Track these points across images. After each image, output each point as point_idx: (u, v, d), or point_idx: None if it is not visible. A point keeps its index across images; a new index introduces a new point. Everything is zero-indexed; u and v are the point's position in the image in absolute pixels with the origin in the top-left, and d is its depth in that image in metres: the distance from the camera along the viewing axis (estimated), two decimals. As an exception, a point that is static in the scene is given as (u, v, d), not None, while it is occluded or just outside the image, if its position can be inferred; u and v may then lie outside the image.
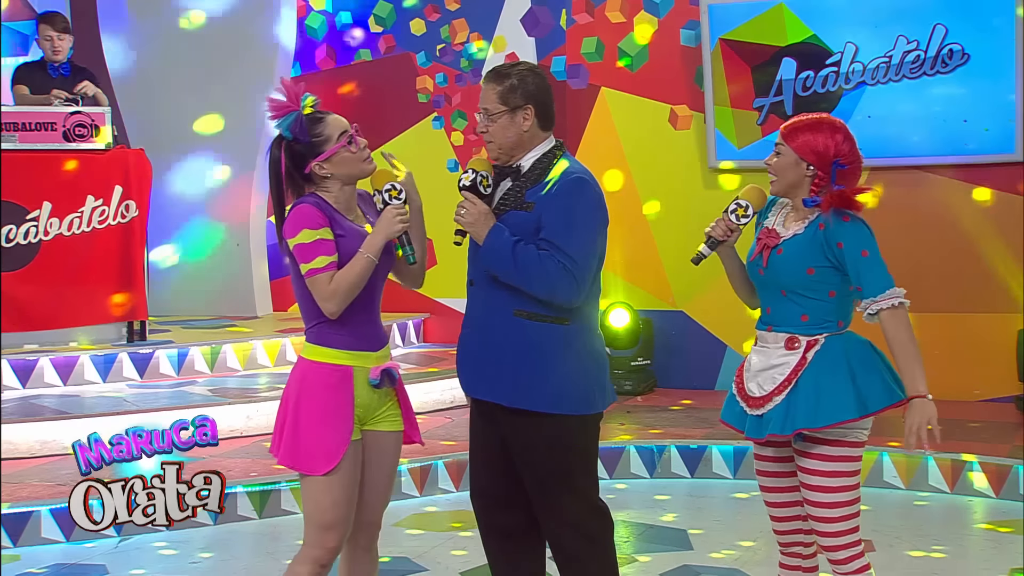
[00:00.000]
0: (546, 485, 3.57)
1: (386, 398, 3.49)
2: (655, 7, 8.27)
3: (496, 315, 3.54)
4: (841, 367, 3.38)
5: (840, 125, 3.45)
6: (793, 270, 3.40)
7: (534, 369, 3.50)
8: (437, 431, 6.71)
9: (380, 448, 3.50)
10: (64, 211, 7.16)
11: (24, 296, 7.07)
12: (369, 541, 3.56)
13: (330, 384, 3.39)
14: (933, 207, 7.68)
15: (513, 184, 3.56)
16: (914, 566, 5.00)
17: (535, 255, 3.44)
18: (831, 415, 3.34)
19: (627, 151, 8.26)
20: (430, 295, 8.79)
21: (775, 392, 3.40)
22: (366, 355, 3.43)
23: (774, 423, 3.40)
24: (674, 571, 4.90)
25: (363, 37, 9.15)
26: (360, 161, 3.43)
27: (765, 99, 7.82)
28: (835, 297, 3.44)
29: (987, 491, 5.97)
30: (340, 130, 3.41)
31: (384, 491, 3.56)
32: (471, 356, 3.64)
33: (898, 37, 7.54)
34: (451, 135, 8.89)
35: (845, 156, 3.40)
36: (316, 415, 3.38)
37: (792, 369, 3.39)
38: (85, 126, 7.19)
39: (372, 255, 3.35)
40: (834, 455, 3.39)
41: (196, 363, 7.40)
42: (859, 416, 3.36)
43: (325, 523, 3.39)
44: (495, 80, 3.57)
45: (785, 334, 3.42)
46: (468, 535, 5.33)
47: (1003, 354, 7.34)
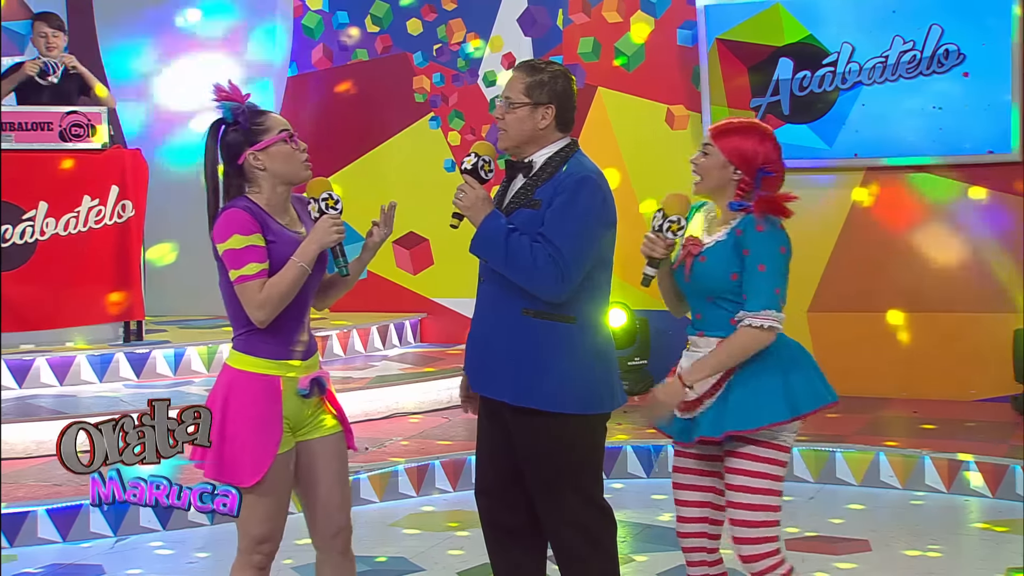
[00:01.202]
0: (548, 483, 3.57)
1: (315, 407, 3.42)
2: (652, 7, 8.28)
3: (503, 313, 3.54)
4: (772, 369, 3.37)
5: (770, 133, 3.44)
6: (717, 276, 3.40)
7: (538, 367, 3.50)
8: (434, 431, 6.71)
9: (320, 455, 3.41)
10: (60, 211, 7.16)
11: (20, 296, 7.05)
12: (344, 546, 3.47)
13: (257, 394, 3.31)
14: (929, 206, 7.69)
15: (525, 181, 3.56)
16: (910, 566, 5.00)
17: (526, 245, 3.44)
18: (762, 417, 3.34)
19: (624, 151, 8.26)
20: (427, 295, 8.79)
21: (707, 395, 3.40)
22: (294, 364, 3.36)
23: (704, 426, 3.39)
24: (671, 571, 4.90)
25: (359, 37, 9.15)
26: (297, 161, 3.36)
27: (762, 99, 7.83)
28: None
29: (983, 491, 5.98)
30: (281, 126, 3.36)
31: (338, 495, 3.45)
32: (478, 353, 3.64)
33: (894, 37, 7.55)
34: (448, 135, 8.89)
35: (771, 164, 3.41)
36: (242, 426, 3.29)
37: (724, 372, 3.39)
38: (81, 126, 7.19)
39: (305, 264, 3.27)
40: (762, 456, 3.39)
41: (193, 363, 7.39)
42: (790, 418, 3.37)
43: (257, 536, 3.35)
44: (527, 72, 3.58)
45: (716, 338, 3.41)
46: (465, 535, 5.33)
47: (1000, 354, 7.34)
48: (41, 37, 7.54)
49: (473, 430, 3.82)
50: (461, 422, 6.79)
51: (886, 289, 7.74)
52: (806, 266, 7.88)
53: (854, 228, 7.82)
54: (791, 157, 7.68)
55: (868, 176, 7.81)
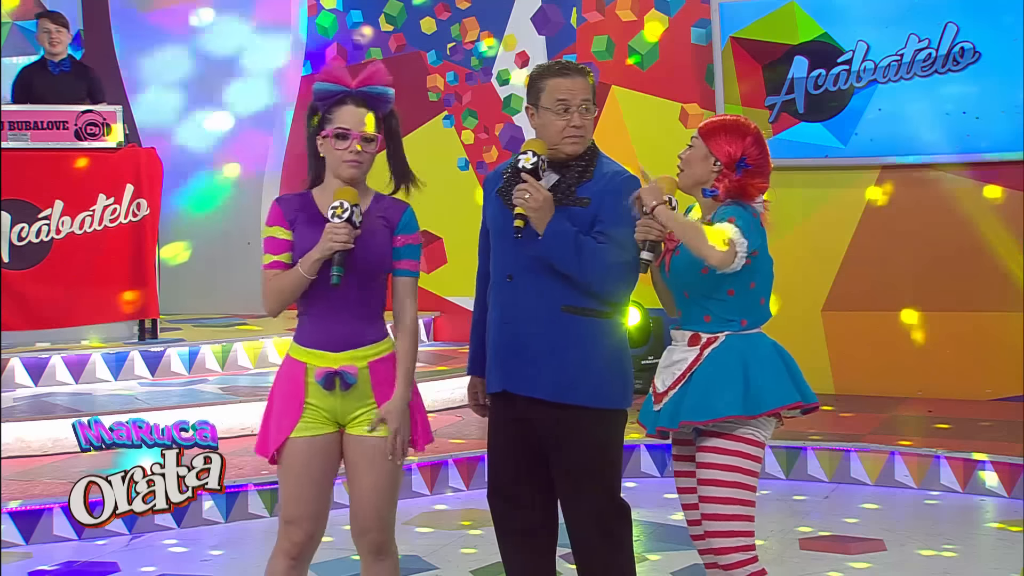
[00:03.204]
0: (579, 479, 3.59)
1: (363, 401, 3.41)
2: (666, 5, 8.26)
3: (542, 310, 3.54)
4: (734, 364, 3.40)
5: (753, 129, 3.49)
6: (689, 271, 3.44)
7: (580, 363, 3.54)
8: (447, 430, 6.72)
9: (357, 453, 3.42)
10: (76, 210, 7.19)
11: (36, 294, 7.09)
12: (371, 547, 3.45)
13: (284, 377, 3.43)
14: (944, 205, 7.65)
15: (561, 178, 3.55)
16: (925, 566, 4.99)
17: (594, 246, 3.49)
18: (716, 409, 3.37)
19: (637, 149, 8.24)
20: (440, 293, 8.80)
21: (671, 387, 3.46)
22: (323, 355, 3.38)
23: (663, 417, 3.47)
24: (685, 570, 4.90)
25: (373, 35, 9.16)
26: (338, 159, 3.38)
27: (776, 97, 7.81)
28: (734, 296, 3.44)
29: (999, 490, 5.96)
30: (340, 123, 3.36)
31: (367, 501, 3.41)
32: (509, 352, 3.60)
33: (909, 35, 7.52)
34: (461, 134, 8.89)
35: (752, 158, 3.45)
36: (270, 403, 3.46)
37: (688, 365, 3.44)
38: (97, 124, 7.22)
39: (304, 270, 3.31)
40: (730, 449, 3.40)
41: (207, 361, 7.42)
42: (746, 414, 3.37)
43: (285, 517, 3.42)
44: (585, 76, 3.59)
45: (690, 332, 3.48)
46: (478, 533, 5.34)
47: (1015, 353, 7.31)
48: (45, 33, 7.59)
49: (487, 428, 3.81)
50: (474, 421, 6.79)
51: (900, 288, 7.71)
52: (820, 265, 7.87)
53: (869, 227, 7.79)
54: (805, 155, 7.85)
55: (883, 175, 7.78)
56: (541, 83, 3.59)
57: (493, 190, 3.67)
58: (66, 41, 7.64)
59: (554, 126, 3.55)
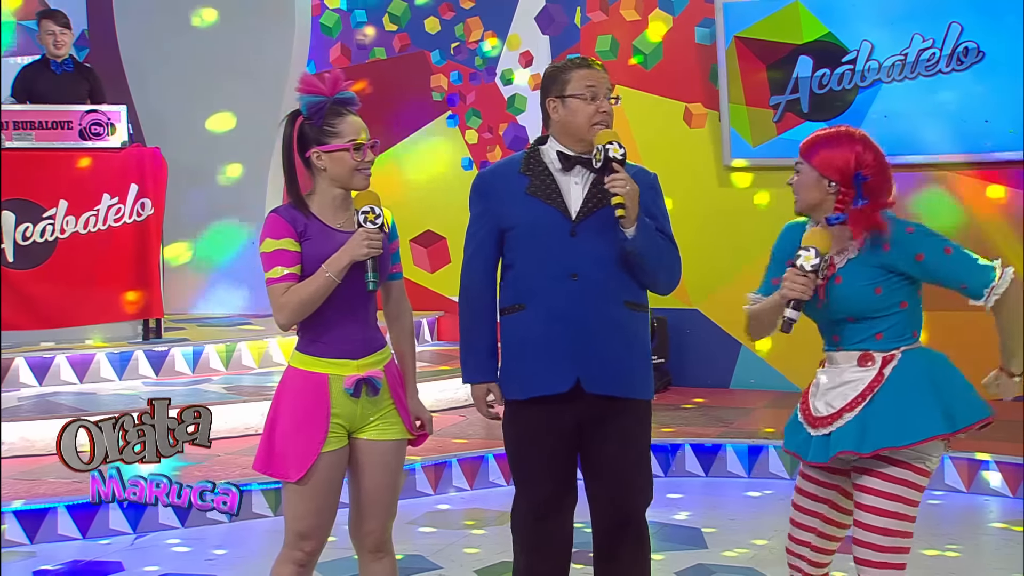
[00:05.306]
0: (638, 467, 3.62)
1: (378, 406, 3.41)
2: (670, 5, 8.27)
3: (608, 307, 3.52)
4: (923, 382, 3.22)
5: (860, 135, 3.28)
6: (860, 295, 3.25)
7: (642, 357, 3.61)
8: (450, 429, 6.72)
9: (371, 456, 3.41)
10: (80, 209, 7.20)
11: (40, 294, 7.10)
12: (374, 546, 3.47)
13: (304, 392, 3.34)
14: (948, 205, 7.65)
15: (596, 177, 3.51)
16: (929, 566, 4.98)
17: (666, 240, 3.57)
18: (918, 431, 3.16)
19: (641, 149, 8.24)
20: (444, 293, 8.80)
21: (845, 409, 3.23)
22: (344, 363, 3.35)
23: (846, 440, 3.20)
24: (688, 570, 4.90)
25: (377, 35, 9.17)
26: (354, 170, 3.34)
27: (781, 97, 7.81)
28: (907, 308, 3.29)
29: (1003, 490, 5.96)
30: (352, 136, 3.35)
31: (379, 501, 3.44)
32: (569, 351, 3.52)
33: (914, 35, 7.52)
34: (465, 133, 8.90)
35: (868, 166, 3.24)
36: (289, 422, 3.33)
37: (867, 385, 3.22)
38: (101, 124, 7.22)
39: (333, 274, 3.28)
40: (898, 477, 3.20)
41: (211, 361, 7.42)
42: (950, 432, 3.20)
43: (300, 531, 3.37)
44: (605, 72, 3.65)
45: (858, 351, 3.26)
46: (482, 533, 5.34)
47: (1019, 353, 7.29)
48: (48, 35, 7.59)
49: (490, 428, 3.80)
50: (478, 420, 6.80)
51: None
52: (824, 265, 7.86)
53: (873, 226, 7.78)
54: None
55: (887, 174, 7.77)
56: (566, 75, 3.59)
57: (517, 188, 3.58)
58: (70, 42, 7.65)
59: (584, 112, 3.55)
